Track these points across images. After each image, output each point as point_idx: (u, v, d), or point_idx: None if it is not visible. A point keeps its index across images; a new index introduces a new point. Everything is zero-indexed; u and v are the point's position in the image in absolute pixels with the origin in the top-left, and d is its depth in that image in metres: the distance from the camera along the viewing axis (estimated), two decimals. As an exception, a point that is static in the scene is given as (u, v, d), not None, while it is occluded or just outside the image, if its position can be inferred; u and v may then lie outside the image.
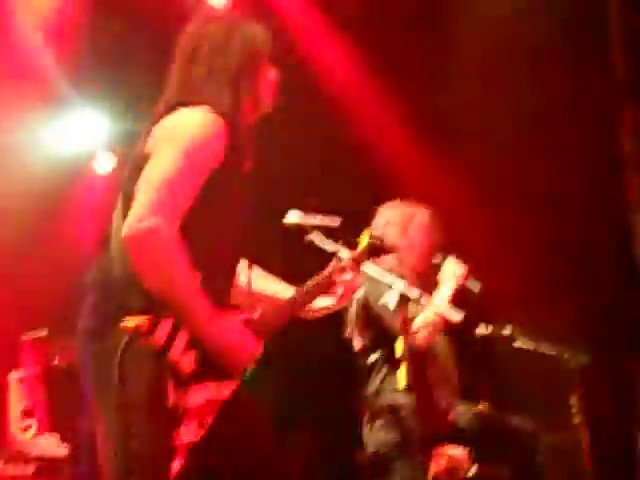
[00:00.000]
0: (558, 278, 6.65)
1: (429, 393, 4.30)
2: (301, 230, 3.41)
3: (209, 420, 2.76)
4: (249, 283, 3.04)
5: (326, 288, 3.13)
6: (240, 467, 2.88)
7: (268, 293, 3.18)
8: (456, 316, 3.85)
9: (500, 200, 6.73)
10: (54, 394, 6.34)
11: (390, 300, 4.06)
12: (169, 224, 2.62)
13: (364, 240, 3.31)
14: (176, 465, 2.68)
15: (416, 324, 4.12)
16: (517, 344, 5.17)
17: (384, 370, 4.26)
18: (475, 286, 4.44)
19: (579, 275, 6.62)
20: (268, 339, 2.93)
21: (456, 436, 4.39)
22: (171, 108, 2.83)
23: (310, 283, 3.12)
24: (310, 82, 6.80)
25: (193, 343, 2.70)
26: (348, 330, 4.44)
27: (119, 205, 2.84)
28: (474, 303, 4.44)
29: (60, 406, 6.22)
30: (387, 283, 3.85)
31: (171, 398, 2.66)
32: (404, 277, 3.97)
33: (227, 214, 2.87)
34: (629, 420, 6.28)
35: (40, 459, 5.67)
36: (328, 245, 3.33)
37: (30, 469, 5.62)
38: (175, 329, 2.68)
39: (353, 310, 4.39)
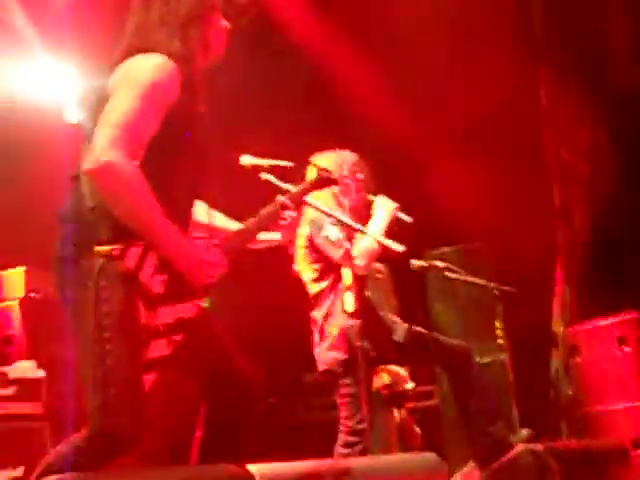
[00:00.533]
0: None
1: (373, 315, 4.25)
2: (255, 170, 3.37)
3: (178, 337, 2.72)
4: (210, 220, 3.06)
5: (273, 221, 3.13)
6: (212, 375, 2.85)
7: (225, 227, 3.18)
8: (398, 247, 3.75)
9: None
10: (30, 324, 6.22)
11: (331, 232, 4.09)
12: (128, 157, 2.58)
13: (311, 173, 3.25)
14: (150, 377, 2.68)
15: (355, 251, 4.03)
16: (449, 274, 5.14)
17: (331, 296, 4.20)
18: (407, 218, 4.32)
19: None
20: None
21: (398, 355, 4.34)
22: (127, 54, 2.78)
23: (260, 215, 3.10)
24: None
25: (161, 268, 2.67)
26: (296, 264, 4.35)
27: (85, 144, 2.76)
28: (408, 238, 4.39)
29: (36, 335, 6.11)
30: (327, 217, 3.93)
31: (142, 317, 2.63)
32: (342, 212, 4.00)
33: (185, 149, 2.81)
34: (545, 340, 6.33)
35: (19, 381, 5.58)
36: (282, 184, 3.28)
37: (10, 391, 5.52)
38: (144, 254, 2.63)
39: (301, 244, 4.31)
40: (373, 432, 4.24)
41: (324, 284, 4.24)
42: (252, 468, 2.66)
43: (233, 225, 3.14)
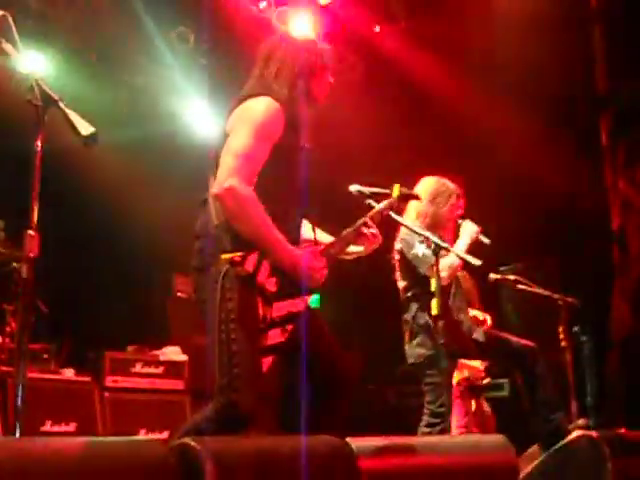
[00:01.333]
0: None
1: (454, 317, 4.20)
2: (361, 197, 3.37)
3: (290, 327, 2.78)
4: (315, 236, 3.04)
5: (358, 236, 3.08)
6: (316, 359, 2.81)
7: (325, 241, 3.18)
8: (476, 261, 3.72)
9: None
10: (177, 318, 6.37)
11: (419, 249, 4.07)
12: (245, 182, 2.67)
13: (395, 192, 3.22)
14: (268, 360, 2.73)
15: (441, 266, 3.98)
16: (520, 286, 5.03)
17: (419, 301, 4.14)
18: (486, 240, 4.27)
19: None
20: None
21: (476, 351, 4.27)
22: (242, 100, 2.87)
23: (347, 231, 3.07)
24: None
25: (274, 271, 2.73)
26: (395, 274, 4.33)
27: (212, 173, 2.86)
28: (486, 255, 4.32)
29: (181, 327, 6.25)
30: (417, 236, 3.90)
31: (260, 311, 2.69)
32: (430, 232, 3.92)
33: (290, 176, 2.88)
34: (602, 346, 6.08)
35: (167, 363, 5.72)
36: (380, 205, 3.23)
37: (160, 369, 5.66)
38: (260, 260, 2.70)
39: (396, 257, 4.29)
40: (453, 417, 4.18)
41: (413, 291, 4.20)
42: (350, 441, 2.64)
43: (329, 238, 3.14)
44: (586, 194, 6.36)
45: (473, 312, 4.84)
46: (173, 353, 5.85)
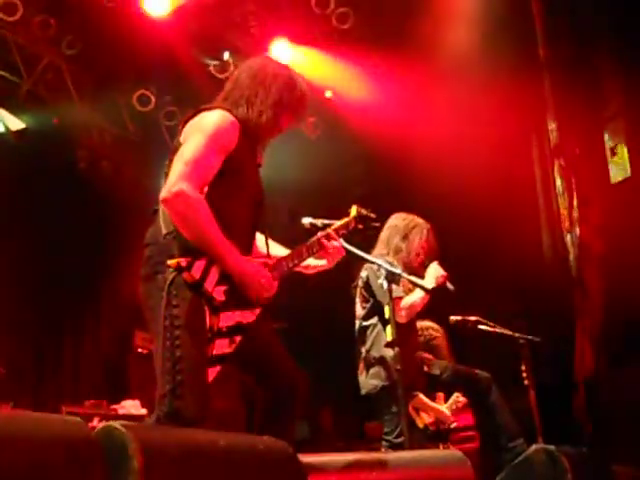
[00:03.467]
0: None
1: (409, 352, 4.12)
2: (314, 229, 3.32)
3: (238, 338, 2.71)
4: (267, 249, 3.01)
5: (318, 249, 3.07)
6: (267, 371, 2.82)
7: (278, 254, 3.13)
8: (450, 286, 3.75)
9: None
10: (135, 373, 6.23)
11: (384, 282, 4.01)
12: (194, 188, 2.64)
13: (353, 212, 3.22)
14: (214, 370, 2.66)
15: (403, 304, 3.98)
16: (481, 327, 5.02)
17: (376, 331, 4.12)
18: (451, 287, 4.27)
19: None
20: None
21: (425, 385, 4.28)
22: (197, 112, 2.86)
23: (305, 244, 3.08)
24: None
25: (223, 280, 2.67)
26: (355, 302, 4.31)
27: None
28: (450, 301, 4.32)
29: (141, 381, 6.10)
30: (385, 268, 3.81)
31: (207, 320, 2.62)
32: (398, 267, 3.99)
33: (241, 190, 2.85)
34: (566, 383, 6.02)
35: (126, 417, 5.53)
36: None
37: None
38: (208, 267, 2.64)
39: (359, 284, 4.28)
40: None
41: (370, 322, 4.17)
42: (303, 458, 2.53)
43: (283, 251, 3.10)
44: (545, 239, 6.42)
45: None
46: (132, 407, 5.68)
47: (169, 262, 2.60)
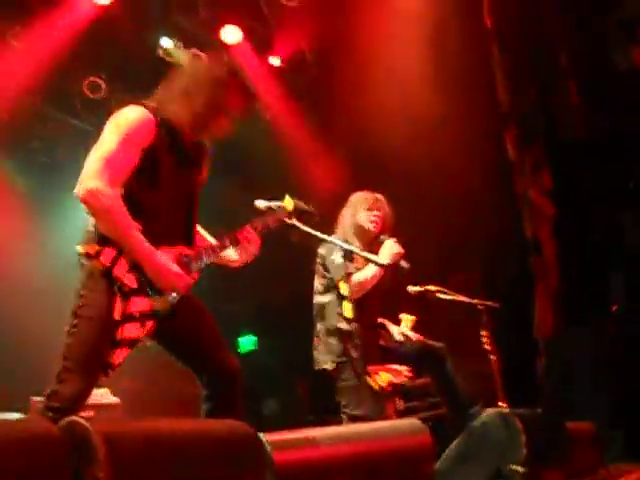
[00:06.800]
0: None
1: (363, 327, 4.21)
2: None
3: (149, 323, 2.83)
4: (194, 239, 3.11)
5: (235, 244, 3.14)
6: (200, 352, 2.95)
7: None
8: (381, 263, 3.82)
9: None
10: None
11: (336, 257, 4.11)
12: (107, 185, 2.74)
13: (288, 206, 3.28)
14: (123, 352, 2.79)
15: (354, 279, 4.06)
16: (440, 296, 5.11)
17: (331, 307, 4.22)
18: (405, 265, 4.33)
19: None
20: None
21: (379, 358, 4.38)
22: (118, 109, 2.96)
23: (225, 236, 3.14)
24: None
25: (134, 267, 2.80)
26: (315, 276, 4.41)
27: None
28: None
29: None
30: (338, 245, 3.90)
31: (118, 304, 2.76)
32: (351, 244, 4.06)
33: (159, 184, 2.91)
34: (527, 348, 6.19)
35: (96, 406, 5.53)
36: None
37: (90, 414, 5.48)
38: (118, 255, 2.79)
39: (317, 261, 4.38)
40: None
41: (327, 297, 4.27)
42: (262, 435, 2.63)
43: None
44: (500, 206, 6.56)
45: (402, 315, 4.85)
46: (103, 396, 5.71)
47: (78, 248, 2.78)
